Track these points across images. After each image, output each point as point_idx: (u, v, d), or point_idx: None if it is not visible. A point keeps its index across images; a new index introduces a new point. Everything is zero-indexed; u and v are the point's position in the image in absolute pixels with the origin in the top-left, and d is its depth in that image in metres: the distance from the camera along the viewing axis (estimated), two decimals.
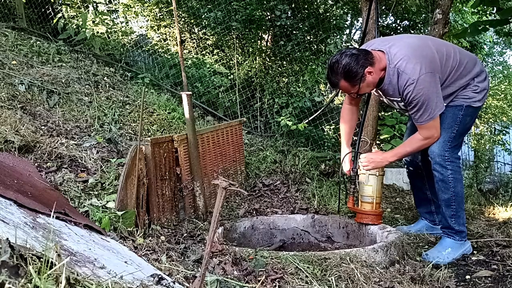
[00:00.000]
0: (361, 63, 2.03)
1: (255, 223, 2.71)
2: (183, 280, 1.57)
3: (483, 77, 2.22)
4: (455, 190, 2.21)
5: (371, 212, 2.41)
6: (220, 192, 1.27)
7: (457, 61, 2.15)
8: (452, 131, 2.20)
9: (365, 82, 2.08)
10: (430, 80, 2.02)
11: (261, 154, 3.82)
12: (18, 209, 1.50)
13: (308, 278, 1.76)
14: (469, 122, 2.26)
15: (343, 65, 2.04)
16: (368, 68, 2.04)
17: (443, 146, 2.19)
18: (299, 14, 4.94)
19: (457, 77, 2.16)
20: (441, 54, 2.11)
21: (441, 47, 2.16)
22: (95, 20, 4.95)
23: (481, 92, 2.21)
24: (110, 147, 2.95)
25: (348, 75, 2.06)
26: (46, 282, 0.88)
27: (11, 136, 2.52)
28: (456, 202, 2.23)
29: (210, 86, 4.79)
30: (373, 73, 2.07)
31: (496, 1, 3.50)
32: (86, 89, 3.79)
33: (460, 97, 2.20)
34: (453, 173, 2.20)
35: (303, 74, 4.45)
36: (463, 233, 2.27)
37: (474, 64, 2.21)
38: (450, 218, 2.25)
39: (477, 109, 2.25)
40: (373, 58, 2.06)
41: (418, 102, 2.04)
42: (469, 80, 2.19)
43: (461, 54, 2.20)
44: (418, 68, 2.01)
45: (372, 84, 2.13)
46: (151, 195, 2.32)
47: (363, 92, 2.18)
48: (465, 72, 2.18)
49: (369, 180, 2.39)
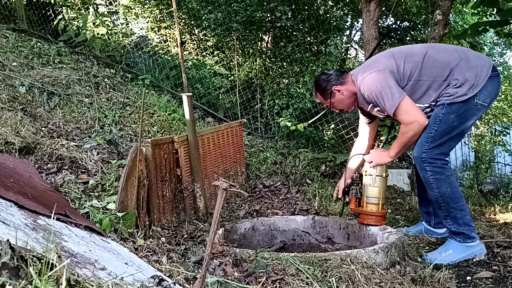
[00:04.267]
0: (331, 81, 2.42)
1: (255, 224, 2.71)
2: (183, 281, 1.57)
3: (463, 68, 2.14)
4: (440, 191, 2.19)
5: (377, 213, 2.40)
6: (220, 193, 1.27)
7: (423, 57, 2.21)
8: (429, 131, 2.18)
9: (335, 98, 2.43)
10: (377, 77, 2.22)
11: (261, 155, 3.82)
12: (19, 211, 1.50)
13: (308, 279, 1.75)
14: (456, 119, 2.14)
15: (317, 81, 2.49)
16: (336, 86, 2.40)
17: (420, 148, 2.20)
18: (299, 15, 4.94)
19: (428, 70, 2.19)
20: (400, 54, 2.26)
21: (406, 48, 2.33)
22: (96, 21, 4.96)
23: (463, 85, 2.12)
24: (110, 148, 2.95)
25: (319, 89, 2.48)
26: (46, 284, 0.88)
27: (12, 138, 2.53)
28: (444, 202, 2.20)
29: (210, 88, 4.79)
30: (341, 91, 2.40)
31: (496, 2, 3.50)
32: (87, 91, 3.79)
33: (444, 96, 2.17)
34: (433, 174, 2.18)
35: (304, 75, 4.45)
36: (464, 235, 2.20)
37: (452, 56, 2.18)
38: (445, 219, 2.25)
39: (466, 103, 2.13)
40: (345, 79, 2.41)
41: (372, 98, 2.25)
42: (447, 73, 2.16)
43: (436, 50, 2.25)
44: (362, 73, 2.30)
45: (345, 101, 2.43)
46: (151, 197, 2.32)
47: (339, 107, 2.50)
48: (438, 64, 2.18)
49: (376, 181, 2.40)
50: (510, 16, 3.43)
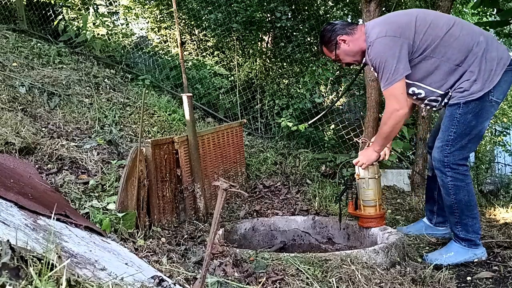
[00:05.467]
0: (336, 31, 2.21)
1: (255, 225, 2.71)
2: (183, 281, 1.57)
3: (481, 59, 2.00)
4: (457, 198, 2.12)
5: (376, 215, 2.38)
6: (220, 193, 1.27)
7: (446, 32, 2.03)
8: (448, 134, 2.08)
9: (340, 49, 2.22)
10: (389, 43, 2.03)
11: (261, 156, 3.82)
12: (19, 211, 1.50)
13: (309, 279, 1.75)
14: (474, 119, 2.03)
15: (321, 32, 2.28)
16: (342, 36, 2.19)
17: (442, 151, 2.11)
18: (299, 15, 4.94)
19: (445, 48, 2.03)
20: (424, 22, 2.05)
21: (431, 17, 2.09)
22: (96, 22, 4.96)
23: (478, 79, 2.00)
24: (110, 148, 2.95)
25: (323, 40, 2.27)
26: (46, 284, 0.88)
27: (12, 138, 2.53)
28: (459, 209, 2.14)
29: (210, 88, 4.79)
30: (347, 42, 2.19)
31: (496, 2, 3.51)
32: (87, 91, 3.79)
33: (457, 92, 2.05)
34: (453, 180, 2.10)
35: (304, 76, 4.45)
36: (471, 241, 2.17)
37: (475, 40, 2.02)
38: (455, 225, 2.20)
39: (482, 101, 2.01)
40: (352, 30, 2.20)
41: (375, 64, 2.08)
42: (462, 58, 2.02)
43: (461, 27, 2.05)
44: (378, 31, 2.07)
45: (350, 54, 2.23)
46: (151, 197, 2.32)
47: (345, 61, 2.28)
48: (457, 45, 2.02)
49: (370, 184, 2.36)
50: (510, 16, 3.43)
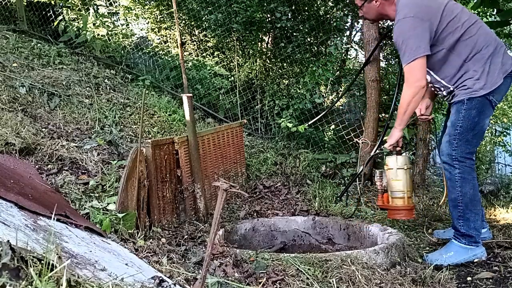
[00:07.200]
0: None
1: (256, 225, 2.71)
2: (184, 282, 1.57)
3: (487, 60, 2.12)
4: (462, 190, 2.17)
5: (404, 207, 2.36)
6: (220, 194, 1.27)
7: (466, 29, 2.12)
8: (455, 128, 2.17)
9: (371, 3, 2.31)
10: (415, 24, 2.11)
11: (261, 156, 3.82)
12: (19, 212, 1.50)
13: (309, 280, 1.75)
14: (477, 115, 2.14)
15: None
16: None
17: (449, 145, 2.19)
18: (299, 16, 4.94)
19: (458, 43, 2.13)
20: (450, 13, 2.13)
21: (458, 10, 2.17)
22: (96, 22, 4.96)
23: (481, 78, 2.11)
24: (110, 149, 2.95)
25: None
26: (47, 285, 0.88)
27: (12, 139, 2.53)
28: (463, 203, 2.18)
29: (210, 88, 4.79)
30: (379, 1, 2.29)
31: (496, 3, 3.50)
32: (87, 91, 3.79)
33: (461, 90, 2.16)
34: (461, 172, 2.17)
35: (304, 76, 4.45)
36: (472, 238, 2.19)
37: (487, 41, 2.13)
38: (457, 219, 2.21)
39: (484, 100, 2.12)
40: None
41: (399, 41, 2.16)
42: (467, 54, 2.12)
43: (479, 27, 2.15)
44: (407, 11, 2.14)
45: (376, 13, 2.34)
46: (151, 197, 2.32)
47: (366, 15, 2.40)
48: (470, 42, 2.12)
49: (398, 175, 2.35)
50: (510, 16, 3.43)
